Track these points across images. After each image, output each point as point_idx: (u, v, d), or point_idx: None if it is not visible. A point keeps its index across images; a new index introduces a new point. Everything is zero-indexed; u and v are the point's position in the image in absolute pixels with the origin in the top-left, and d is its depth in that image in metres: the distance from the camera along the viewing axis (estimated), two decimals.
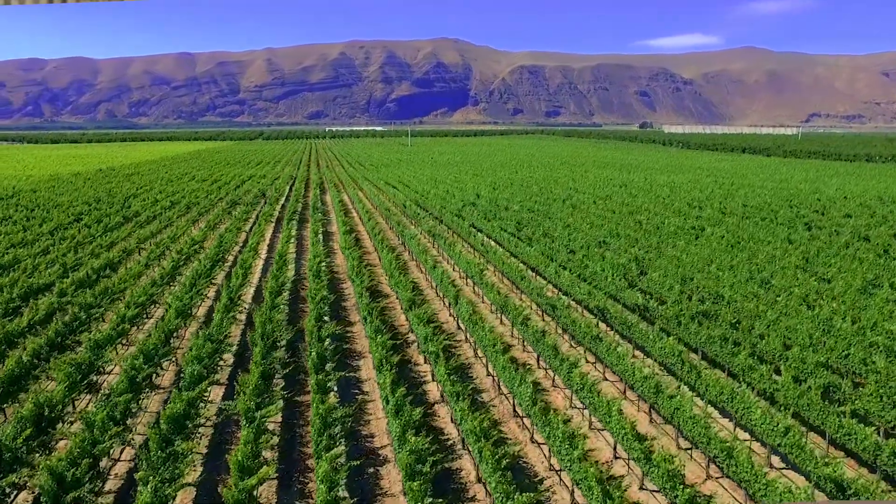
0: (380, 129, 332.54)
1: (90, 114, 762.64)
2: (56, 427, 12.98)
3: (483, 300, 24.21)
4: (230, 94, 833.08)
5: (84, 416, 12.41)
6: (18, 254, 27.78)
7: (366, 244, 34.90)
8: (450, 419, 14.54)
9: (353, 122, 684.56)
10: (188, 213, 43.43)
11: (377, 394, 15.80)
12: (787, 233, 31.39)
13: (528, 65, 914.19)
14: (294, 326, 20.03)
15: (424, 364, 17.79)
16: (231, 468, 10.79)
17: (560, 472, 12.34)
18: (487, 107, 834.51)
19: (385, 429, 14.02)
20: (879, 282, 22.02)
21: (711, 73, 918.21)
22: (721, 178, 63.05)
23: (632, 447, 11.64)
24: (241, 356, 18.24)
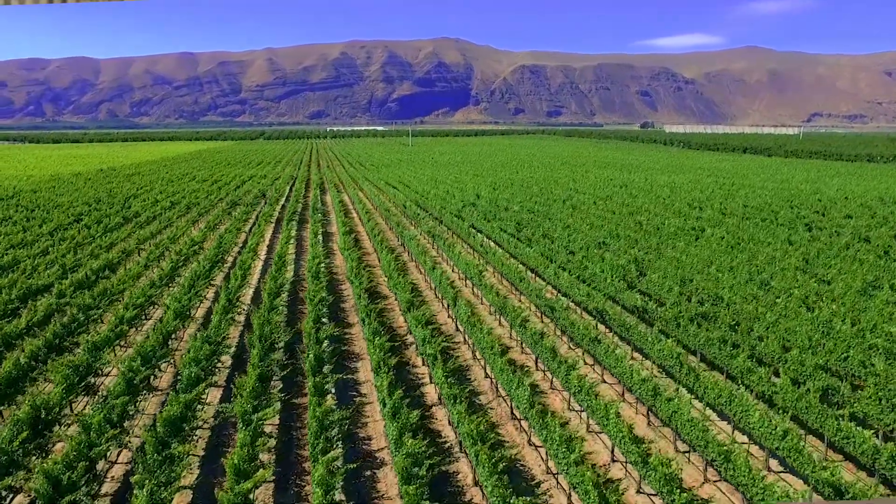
0: (381, 129, 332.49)
1: (92, 113, 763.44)
2: (53, 430, 12.97)
3: (482, 301, 24.17)
4: (231, 94, 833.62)
5: (81, 419, 12.40)
6: (18, 255, 27.78)
7: (365, 245, 34.88)
8: (447, 421, 14.51)
9: (355, 122, 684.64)
10: (188, 214, 43.42)
11: (375, 396, 15.77)
12: (788, 234, 31.32)
13: (530, 64, 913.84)
14: (292, 328, 20.01)
15: (423, 366, 17.76)
16: (227, 471, 10.77)
17: (557, 476, 12.30)
18: (489, 106, 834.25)
19: (383, 431, 13.99)
20: (879, 283, 21.96)
21: (713, 73, 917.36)
22: (722, 179, 62.96)
23: (629, 450, 11.60)
24: (240, 358, 18.21)
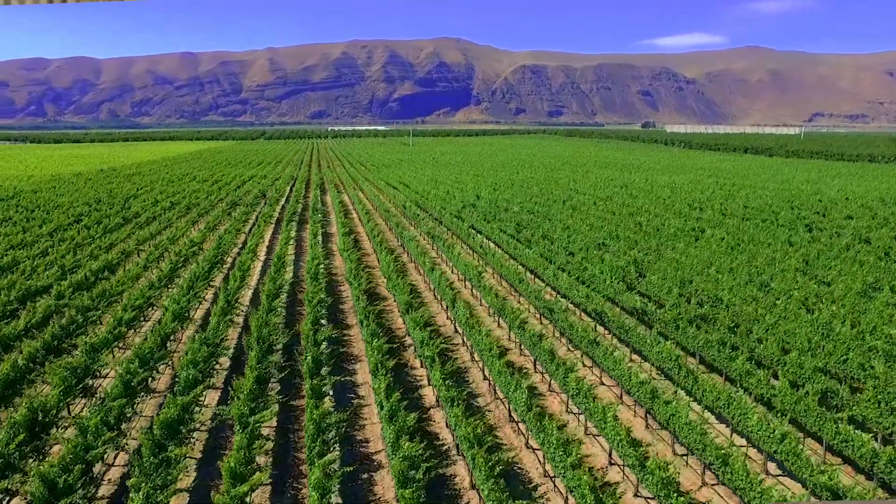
0: (382, 129, 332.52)
1: (93, 113, 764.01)
2: (50, 432, 12.95)
3: (481, 303, 24.14)
4: (233, 94, 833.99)
5: (78, 421, 12.39)
6: (17, 255, 27.78)
7: (365, 246, 34.85)
8: (445, 424, 14.48)
9: (356, 122, 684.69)
10: (188, 214, 43.41)
11: (373, 398, 15.74)
12: (788, 235, 31.26)
13: (531, 64, 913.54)
14: (291, 330, 19.99)
15: (421, 368, 17.74)
16: (223, 475, 10.75)
17: (555, 479, 12.27)
18: (490, 106, 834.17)
19: (380, 434, 13.96)
20: (879, 285, 21.90)
21: (714, 73, 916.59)
22: (722, 179, 62.88)
23: (627, 453, 11.56)
24: (238, 360, 18.19)
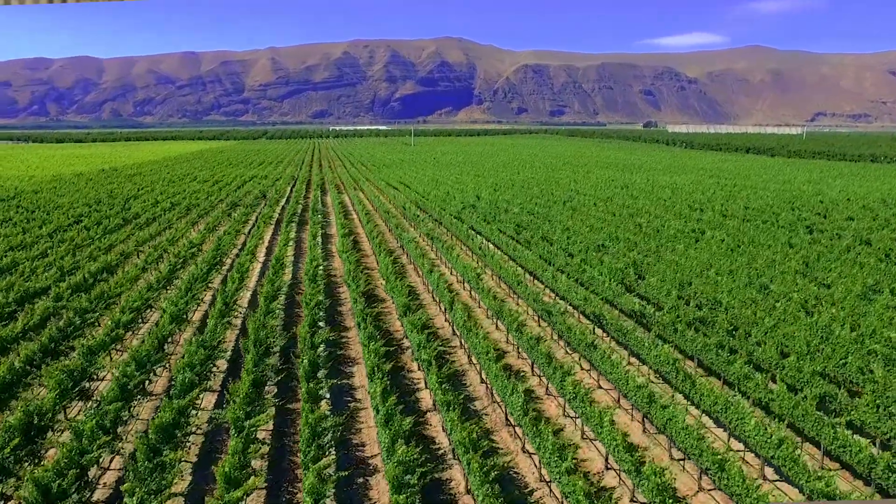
0: (384, 129, 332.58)
1: (95, 113, 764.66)
2: (45, 436, 12.93)
3: (479, 305, 24.09)
4: (234, 94, 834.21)
5: (74, 425, 12.36)
6: (17, 257, 27.78)
7: (364, 247, 34.82)
8: (441, 428, 14.44)
9: (358, 122, 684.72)
10: (188, 215, 43.40)
11: (370, 401, 15.70)
12: (788, 236, 31.16)
13: (533, 64, 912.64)
14: (288, 332, 19.96)
15: (418, 371, 17.70)
16: (218, 479, 10.72)
17: (550, 484, 12.23)
18: (492, 106, 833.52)
19: (376, 438, 13.92)
20: (880, 287, 21.81)
21: (716, 72, 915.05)
22: (723, 180, 62.75)
23: (623, 458, 11.52)
24: (235, 362, 18.17)
